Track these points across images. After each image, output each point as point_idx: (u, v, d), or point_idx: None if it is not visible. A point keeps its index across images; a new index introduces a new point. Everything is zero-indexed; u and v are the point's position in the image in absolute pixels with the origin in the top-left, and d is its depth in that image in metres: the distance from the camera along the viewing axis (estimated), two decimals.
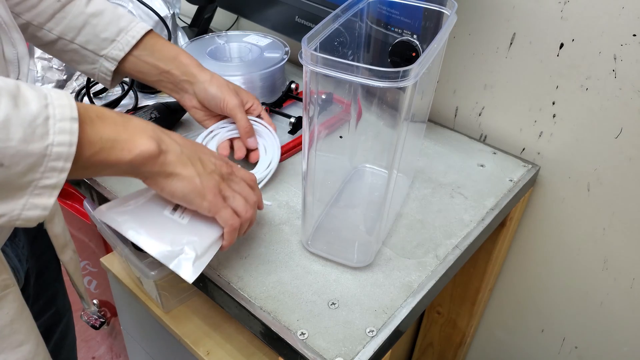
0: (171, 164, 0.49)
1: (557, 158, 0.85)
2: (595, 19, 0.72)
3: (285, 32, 0.92)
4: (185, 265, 0.52)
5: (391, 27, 0.69)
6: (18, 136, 0.36)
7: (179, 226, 0.53)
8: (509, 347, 1.11)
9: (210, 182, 0.51)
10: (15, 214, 0.39)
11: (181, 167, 0.49)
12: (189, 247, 0.52)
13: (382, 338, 0.55)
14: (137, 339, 0.99)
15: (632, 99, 0.73)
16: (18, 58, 0.52)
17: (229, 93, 0.72)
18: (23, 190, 0.38)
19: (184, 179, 0.50)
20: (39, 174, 0.38)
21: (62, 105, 0.39)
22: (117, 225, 0.53)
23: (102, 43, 0.68)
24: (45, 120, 0.38)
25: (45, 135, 0.38)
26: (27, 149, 0.37)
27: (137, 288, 0.86)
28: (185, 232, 0.53)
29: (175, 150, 0.49)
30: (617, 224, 0.83)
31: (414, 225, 0.71)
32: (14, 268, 0.59)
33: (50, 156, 0.38)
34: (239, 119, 0.73)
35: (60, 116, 0.39)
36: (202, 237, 0.53)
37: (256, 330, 0.59)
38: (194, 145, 0.53)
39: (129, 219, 0.53)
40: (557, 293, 0.96)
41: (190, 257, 0.52)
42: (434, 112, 0.97)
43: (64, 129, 0.39)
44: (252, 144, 0.75)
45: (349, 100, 0.72)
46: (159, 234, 0.52)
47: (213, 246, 0.55)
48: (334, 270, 0.63)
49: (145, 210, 0.54)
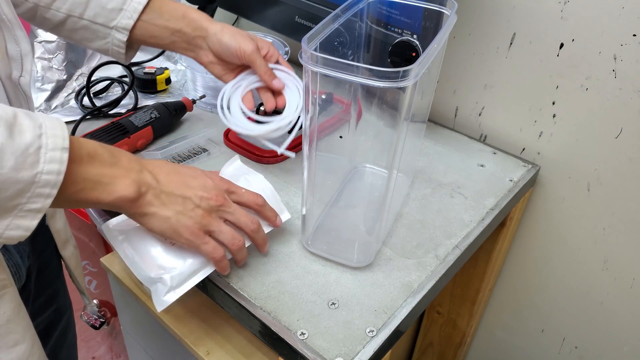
0: (148, 205, 0.51)
1: (557, 158, 0.85)
2: (595, 19, 0.72)
3: (285, 32, 0.92)
4: (159, 294, 0.55)
5: (391, 27, 0.69)
6: (9, 164, 0.38)
7: (168, 252, 0.56)
8: (509, 347, 1.11)
9: (188, 221, 0.53)
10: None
11: (157, 208, 0.52)
12: (167, 276, 0.55)
13: (382, 338, 0.55)
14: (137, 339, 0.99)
15: (632, 99, 0.73)
16: (21, 55, 0.53)
17: (244, 39, 0.70)
18: (8, 212, 0.40)
19: (159, 219, 0.52)
20: (26, 198, 0.40)
21: (55, 135, 0.41)
22: (115, 244, 0.57)
23: (110, 14, 0.68)
24: (38, 149, 0.40)
25: (35, 163, 0.40)
26: (17, 176, 0.39)
27: (137, 288, 0.86)
28: (171, 258, 0.56)
29: (154, 191, 0.51)
30: (617, 224, 0.83)
31: (414, 225, 0.71)
32: (16, 264, 0.59)
33: (38, 183, 0.40)
34: (258, 65, 0.70)
35: (52, 145, 0.41)
36: (185, 265, 0.56)
37: (256, 330, 0.59)
38: (181, 178, 0.54)
39: (125, 239, 0.57)
40: (557, 293, 0.96)
41: (166, 286, 0.55)
42: (434, 112, 0.97)
43: (54, 158, 0.41)
44: (278, 85, 0.71)
45: (349, 100, 0.72)
46: (146, 258, 0.56)
47: (197, 274, 0.57)
48: (334, 270, 0.63)
49: (142, 233, 0.57)
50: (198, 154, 0.80)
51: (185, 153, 0.80)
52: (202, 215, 0.54)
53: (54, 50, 0.97)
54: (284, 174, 0.78)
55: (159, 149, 0.80)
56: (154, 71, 0.97)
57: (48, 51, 0.97)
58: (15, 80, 0.54)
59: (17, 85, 0.54)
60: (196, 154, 0.80)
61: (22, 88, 0.55)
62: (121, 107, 0.92)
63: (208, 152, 0.81)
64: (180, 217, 0.53)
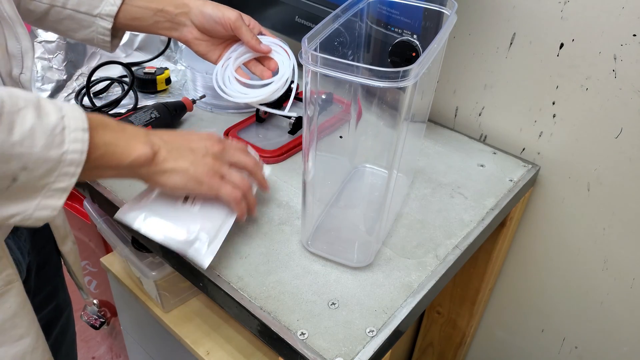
0: (164, 161, 0.53)
1: (557, 158, 0.85)
2: (595, 19, 0.72)
3: (285, 32, 0.91)
4: (201, 251, 0.57)
5: (391, 27, 0.69)
6: (41, 143, 0.41)
7: (191, 215, 0.59)
8: (509, 347, 1.11)
9: (204, 168, 0.56)
10: (28, 213, 0.43)
11: (174, 162, 0.54)
12: (203, 232, 0.58)
13: (382, 338, 0.55)
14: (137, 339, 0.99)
15: (632, 99, 0.73)
16: (22, 52, 0.53)
17: (226, 9, 0.71)
18: (38, 192, 0.43)
19: (179, 172, 0.54)
20: (53, 177, 0.43)
21: (75, 117, 0.44)
22: (139, 225, 0.58)
23: (93, 1, 0.68)
24: (62, 130, 0.43)
25: (62, 143, 0.43)
26: (47, 155, 0.42)
27: (137, 288, 0.86)
28: (197, 219, 0.58)
29: (166, 149, 0.54)
30: (617, 224, 0.83)
31: (414, 225, 0.71)
32: (17, 261, 0.59)
33: (64, 162, 0.43)
34: (243, 31, 0.71)
35: (74, 126, 0.44)
36: (213, 220, 0.59)
37: (256, 330, 0.59)
38: (182, 137, 0.57)
39: (145, 216, 0.58)
40: (557, 293, 0.96)
41: (204, 241, 0.57)
42: (434, 112, 0.97)
43: (77, 138, 0.44)
44: (266, 48, 0.73)
45: (349, 100, 0.72)
46: (174, 226, 0.57)
47: (225, 226, 0.60)
48: (334, 270, 0.63)
49: (158, 205, 0.59)
50: None
51: None
52: (213, 161, 0.57)
53: (54, 50, 0.97)
54: (283, 174, 0.78)
55: None
56: (154, 71, 0.97)
57: (48, 51, 0.97)
58: (16, 78, 0.54)
59: (18, 82, 0.55)
60: None
61: (23, 85, 0.55)
62: (121, 107, 0.92)
63: None
64: (196, 167, 0.55)
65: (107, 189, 0.74)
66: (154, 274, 0.77)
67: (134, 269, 0.81)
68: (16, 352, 0.54)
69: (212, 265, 0.63)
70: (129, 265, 0.83)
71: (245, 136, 0.85)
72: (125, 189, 0.74)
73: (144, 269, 0.78)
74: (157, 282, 0.78)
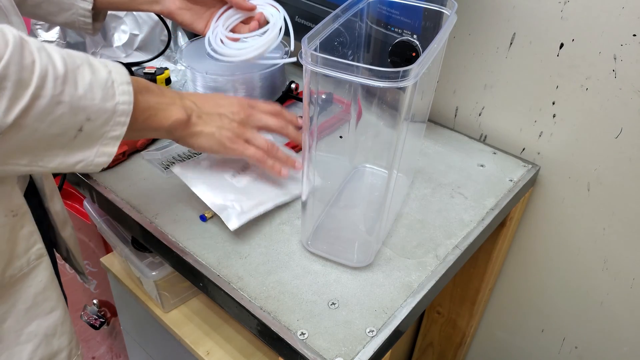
0: (194, 125, 0.60)
1: (557, 158, 0.85)
2: (595, 19, 0.72)
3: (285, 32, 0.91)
4: (231, 216, 0.64)
5: (391, 27, 0.69)
6: (99, 96, 0.45)
7: (233, 188, 0.67)
8: (509, 347, 1.11)
9: (228, 133, 0.62)
10: (89, 159, 0.48)
11: (202, 126, 0.60)
12: (237, 203, 0.65)
13: (382, 338, 0.55)
14: (137, 339, 0.99)
15: (632, 99, 0.73)
16: None
17: None
18: (97, 140, 0.47)
19: (206, 136, 0.61)
20: (109, 126, 0.47)
21: (119, 72, 0.48)
22: (188, 182, 0.67)
23: None
24: (112, 83, 0.47)
25: (113, 95, 0.47)
26: (105, 106, 0.46)
27: (137, 288, 0.86)
28: (237, 192, 0.67)
29: (197, 113, 0.60)
30: (617, 224, 0.83)
31: (414, 225, 0.71)
32: None
33: (117, 112, 0.47)
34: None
35: (120, 80, 0.48)
36: (250, 197, 0.67)
37: (256, 330, 0.59)
38: (213, 101, 0.63)
39: (198, 178, 0.67)
40: (557, 293, 0.96)
41: (236, 210, 0.65)
42: (434, 112, 0.97)
43: (125, 90, 0.48)
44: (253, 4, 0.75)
45: (349, 100, 0.72)
46: (217, 191, 0.66)
47: (260, 206, 0.67)
48: (334, 270, 0.63)
49: (211, 173, 0.69)
50: (198, 154, 0.80)
51: (186, 153, 0.80)
52: (238, 126, 0.63)
53: None
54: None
55: (159, 149, 0.80)
56: (154, 71, 0.97)
57: None
58: None
59: None
60: (196, 154, 0.80)
61: None
62: None
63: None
64: (222, 131, 0.61)
65: (107, 189, 0.74)
66: (154, 274, 0.77)
67: (134, 269, 0.81)
68: (49, 324, 0.57)
69: (212, 265, 0.63)
70: (129, 265, 0.83)
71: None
72: (125, 189, 0.74)
73: (144, 269, 0.78)
74: (157, 282, 0.78)
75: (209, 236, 0.67)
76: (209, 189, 0.67)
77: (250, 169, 0.71)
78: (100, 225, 0.86)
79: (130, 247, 0.81)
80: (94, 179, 0.76)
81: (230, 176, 0.69)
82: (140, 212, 0.70)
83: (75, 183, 0.80)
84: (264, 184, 0.70)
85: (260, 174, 0.71)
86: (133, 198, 0.72)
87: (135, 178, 0.76)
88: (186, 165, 0.69)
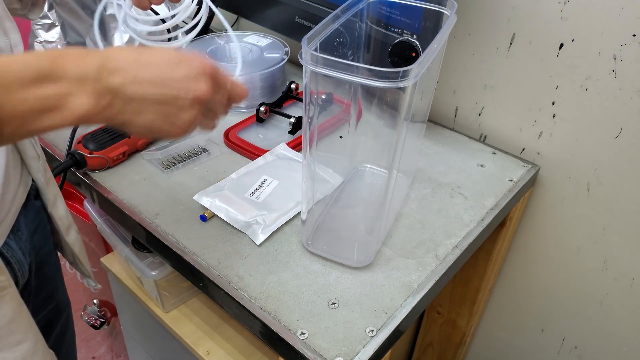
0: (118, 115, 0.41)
1: (557, 158, 0.85)
2: (595, 19, 0.72)
3: (285, 32, 0.92)
4: (257, 232, 0.67)
5: (391, 27, 0.69)
6: None
7: (255, 204, 0.69)
8: (509, 347, 1.11)
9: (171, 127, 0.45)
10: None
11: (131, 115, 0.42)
12: (260, 218, 0.67)
13: (382, 338, 0.55)
14: (137, 339, 0.99)
15: (632, 99, 0.73)
16: (11, 46, 0.52)
17: None
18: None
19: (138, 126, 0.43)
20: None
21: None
22: (212, 209, 0.69)
23: None
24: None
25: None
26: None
27: (137, 288, 0.86)
28: (259, 208, 0.69)
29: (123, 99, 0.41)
30: (617, 224, 0.83)
31: (414, 225, 0.71)
32: (19, 261, 0.59)
33: None
34: None
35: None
36: (271, 211, 0.69)
37: (256, 330, 0.59)
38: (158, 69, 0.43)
39: (217, 201, 0.70)
40: (557, 293, 0.96)
41: (261, 225, 0.67)
42: (434, 112, 0.97)
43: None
44: None
45: (349, 100, 0.72)
46: (240, 211, 0.68)
47: (282, 217, 0.69)
48: (334, 270, 0.63)
49: (230, 194, 0.71)
50: (198, 154, 0.80)
51: (186, 153, 0.80)
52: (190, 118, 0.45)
53: None
54: None
55: (159, 149, 0.80)
56: None
57: None
58: None
59: None
60: (196, 154, 0.80)
61: None
62: None
63: (208, 152, 0.81)
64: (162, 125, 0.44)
65: (107, 189, 0.74)
66: (154, 274, 0.77)
67: (134, 269, 0.81)
68: (15, 357, 0.53)
69: (212, 265, 0.63)
70: (129, 265, 0.83)
71: (246, 136, 0.85)
72: (125, 189, 0.74)
73: (144, 269, 0.78)
74: (157, 282, 0.78)
75: (209, 236, 0.67)
76: (233, 211, 0.68)
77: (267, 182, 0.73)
78: (101, 225, 0.86)
79: (130, 247, 0.81)
80: (94, 179, 0.76)
81: (249, 194, 0.71)
82: (141, 212, 0.70)
83: (76, 183, 0.80)
84: (282, 195, 0.71)
85: (277, 185, 0.72)
86: (133, 198, 0.72)
87: (135, 178, 0.76)
88: (208, 193, 0.71)
